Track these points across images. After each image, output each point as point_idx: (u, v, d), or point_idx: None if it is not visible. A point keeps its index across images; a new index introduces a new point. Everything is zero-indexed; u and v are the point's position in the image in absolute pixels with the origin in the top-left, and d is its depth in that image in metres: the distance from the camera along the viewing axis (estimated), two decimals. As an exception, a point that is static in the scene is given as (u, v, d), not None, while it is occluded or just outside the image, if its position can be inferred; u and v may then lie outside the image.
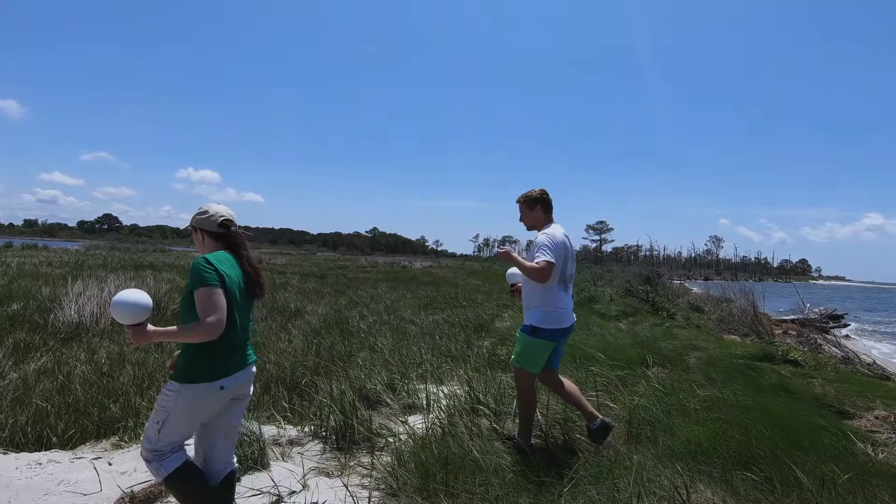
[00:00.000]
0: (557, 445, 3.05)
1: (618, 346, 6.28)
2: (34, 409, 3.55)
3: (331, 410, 3.36)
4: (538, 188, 3.19)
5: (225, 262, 1.98)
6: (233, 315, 1.93)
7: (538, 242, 3.01)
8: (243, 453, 2.77)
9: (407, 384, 4.21)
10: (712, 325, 9.60)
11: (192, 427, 1.98)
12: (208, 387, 1.88)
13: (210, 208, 2.10)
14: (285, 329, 7.40)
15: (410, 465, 2.56)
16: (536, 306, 3.02)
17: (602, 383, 4.17)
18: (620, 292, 13.60)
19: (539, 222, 3.16)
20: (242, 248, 2.09)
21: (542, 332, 2.98)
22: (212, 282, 1.86)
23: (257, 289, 2.07)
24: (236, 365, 1.99)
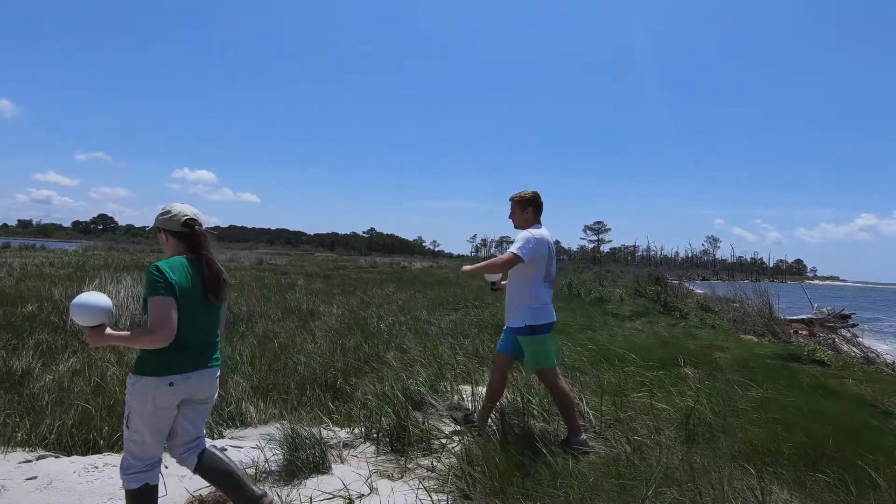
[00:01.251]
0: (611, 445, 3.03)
1: (645, 347, 6.28)
2: (78, 410, 3.49)
3: (382, 412, 3.32)
4: (532, 190, 3.29)
5: (178, 268, 1.98)
6: (186, 319, 1.95)
7: (519, 236, 3.13)
8: (305, 456, 2.72)
9: (447, 385, 4.18)
10: (727, 325, 9.62)
11: (152, 426, 1.97)
12: (157, 381, 1.91)
13: (173, 208, 2.09)
14: (305, 329, 7.36)
15: (480, 468, 2.53)
16: (525, 304, 3.12)
17: (643, 383, 4.15)
18: (630, 293, 13.62)
19: (528, 223, 3.26)
20: (204, 248, 2.07)
21: (539, 328, 3.12)
22: (160, 291, 1.89)
23: (213, 292, 2.04)
24: (191, 364, 1.99)
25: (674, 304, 11.40)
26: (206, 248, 2.08)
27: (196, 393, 2.05)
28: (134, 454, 2.00)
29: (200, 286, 2.01)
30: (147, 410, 1.94)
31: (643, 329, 8.59)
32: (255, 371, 4.76)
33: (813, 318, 13.35)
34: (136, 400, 1.93)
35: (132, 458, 2.00)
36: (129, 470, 1.99)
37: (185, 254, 2.05)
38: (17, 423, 3.32)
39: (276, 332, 7.00)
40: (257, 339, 6.51)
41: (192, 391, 2.03)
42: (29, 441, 3.16)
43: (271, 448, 2.95)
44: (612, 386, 4.18)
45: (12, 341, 5.79)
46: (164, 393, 1.94)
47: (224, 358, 4.76)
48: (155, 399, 1.93)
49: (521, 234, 3.16)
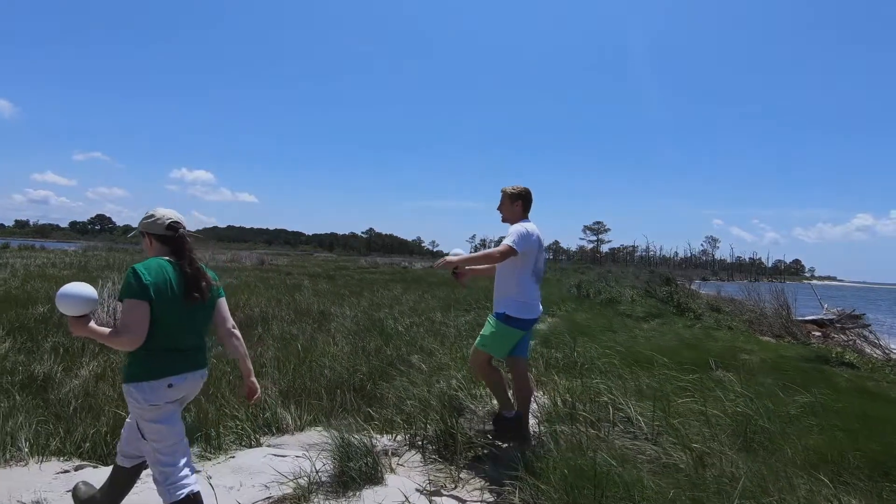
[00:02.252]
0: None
1: (670, 349, 6.19)
2: (111, 417, 3.38)
3: (428, 418, 3.21)
4: (524, 186, 3.37)
5: (156, 270, 1.98)
6: (165, 320, 1.95)
7: (512, 229, 3.18)
8: (358, 466, 2.62)
9: (483, 389, 4.08)
10: (742, 327, 9.55)
11: (168, 422, 1.98)
12: (157, 384, 1.93)
13: (157, 212, 2.13)
14: (322, 331, 7.25)
15: (546, 478, 2.43)
16: (511, 296, 3.15)
17: (685, 388, 4.06)
18: (640, 293, 13.55)
19: (515, 217, 3.32)
20: (189, 250, 2.10)
21: (515, 322, 3.13)
22: (133, 294, 1.90)
23: (195, 293, 2.03)
24: (183, 366, 2.01)
25: (687, 304, 11.32)
26: (190, 249, 2.10)
27: (190, 392, 2.09)
28: (164, 462, 1.98)
29: (182, 287, 2.01)
30: (155, 413, 1.95)
31: (661, 330, 8.51)
32: (281, 375, 4.65)
33: (824, 319, 13.31)
34: (142, 408, 1.93)
35: (164, 467, 1.98)
36: (167, 481, 1.97)
37: (167, 256, 2.07)
38: (50, 431, 3.20)
39: (293, 335, 6.89)
40: (275, 341, 6.40)
41: (188, 390, 2.06)
42: (63, 450, 3.05)
43: (318, 456, 2.84)
44: (651, 390, 4.09)
45: (27, 344, 5.67)
46: (165, 394, 1.96)
47: (254, 365, 4.64)
48: (157, 401, 1.95)
49: (514, 227, 3.21)
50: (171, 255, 2.07)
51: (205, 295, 2.07)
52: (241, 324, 7.65)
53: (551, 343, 6.70)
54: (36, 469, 2.81)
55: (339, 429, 2.96)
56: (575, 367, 5.15)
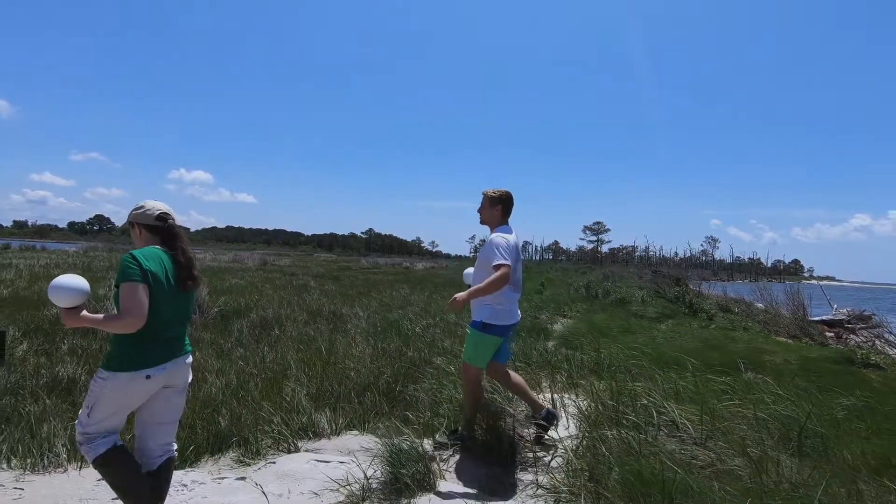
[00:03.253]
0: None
1: (693, 350, 6.12)
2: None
3: (477, 422, 3.15)
4: (506, 189, 3.36)
5: (152, 257, 2.03)
6: (160, 308, 1.99)
7: (493, 242, 3.18)
8: (412, 473, 2.55)
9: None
10: (757, 327, 9.50)
11: (120, 415, 2.03)
12: (134, 375, 1.95)
13: (147, 203, 2.18)
14: (338, 333, 7.17)
15: (610, 485, 2.36)
16: (488, 304, 3.16)
17: (724, 390, 4.00)
18: (650, 294, 13.49)
19: (494, 221, 3.33)
20: (179, 240, 2.14)
21: (492, 329, 3.15)
22: (134, 277, 1.93)
23: (189, 281, 2.11)
24: (165, 355, 2.04)
25: (699, 305, 11.27)
26: (181, 239, 2.15)
27: (171, 380, 2.10)
28: (90, 431, 2.00)
29: (175, 275, 2.07)
30: (118, 404, 1.98)
31: (679, 331, 8.45)
32: (308, 378, 4.58)
33: (834, 319, 13.26)
34: (109, 394, 1.95)
35: (89, 434, 2.01)
36: (90, 442, 2.00)
37: (157, 245, 2.12)
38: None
39: (310, 336, 6.82)
40: (293, 342, 6.33)
41: (168, 379, 2.08)
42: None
43: (371, 463, 2.76)
44: (689, 392, 4.03)
45: (44, 345, 5.60)
46: (140, 386, 1.97)
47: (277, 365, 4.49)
48: (130, 393, 1.97)
49: (494, 240, 3.19)
50: (161, 245, 2.12)
51: (196, 283, 2.15)
52: (257, 325, 7.59)
53: (572, 344, 6.64)
54: (76, 476, 2.74)
55: (388, 433, 2.89)
56: (603, 369, 5.09)
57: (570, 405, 3.88)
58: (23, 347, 5.42)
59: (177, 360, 2.09)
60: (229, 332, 6.91)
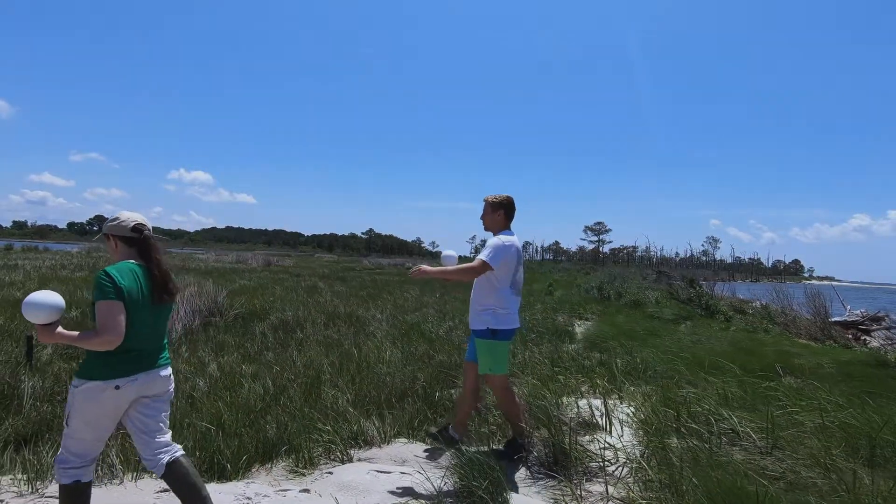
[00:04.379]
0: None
1: (723, 353, 6.05)
2: (192, 430, 3.23)
3: (533, 430, 3.07)
4: (507, 195, 3.35)
5: (126, 272, 2.02)
6: (135, 324, 1.99)
7: (490, 242, 3.17)
8: (485, 485, 2.47)
9: (568, 398, 3.95)
10: (777, 329, 9.44)
11: (95, 427, 2.01)
12: (103, 385, 1.94)
13: (122, 215, 2.16)
14: (361, 335, 7.09)
15: (696, 498, 2.28)
16: (490, 308, 3.11)
17: (776, 396, 3.93)
18: (664, 295, 13.43)
19: (497, 226, 3.31)
20: (154, 252, 2.13)
21: (501, 334, 3.11)
22: (110, 296, 1.93)
23: (164, 295, 2.10)
24: (137, 367, 2.03)
25: (716, 307, 11.20)
26: (156, 251, 2.14)
27: (147, 390, 2.08)
28: (70, 450, 2.01)
29: (149, 290, 2.06)
30: (91, 413, 1.97)
31: (701, 333, 8.38)
32: (346, 383, 4.50)
33: (847, 320, 13.20)
34: (80, 403, 1.96)
35: (67, 454, 2.02)
36: (64, 464, 2.02)
37: (133, 258, 2.11)
38: (131, 446, 3.04)
39: (334, 339, 6.74)
40: (320, 345, 6.25)
41: (141, 390, 2.05)
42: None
43: (427, 472, 2.69)
44: (738, 398, 3.96)
45: (68, 349, 5.51)
46: (110, 396, 1.96)
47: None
48: (101, 402, 1.96)
49: (491, 240, 3.19)
50: (137, 258, 2.11)
51: (173, 296, 2.14)
52: (278, 327, 7.51)
53: (600, 347, 6.57)
54: (133, 487, 2.66)
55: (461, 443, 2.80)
56: (639, 373, 5.02)
57: (615, 410, 3.80)
58: (48, 351, 5.34)
59: (150, 372, 2.07)
60: (251, 335, 6.83)
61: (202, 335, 6.62)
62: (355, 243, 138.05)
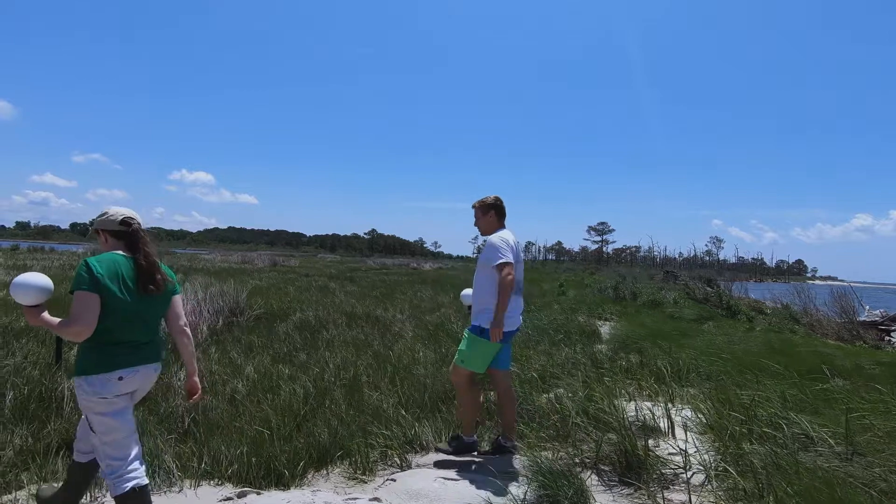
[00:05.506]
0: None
1: (761, 355, 5.93)
2: (243, 436, 3.11)
3: (602, 436, 2.95)
4: (493, 195, 3.31)
5: (106, 262, 2.01)
6: (116, 313, 1.97)
7: (491, 243, 3.11)
8: (570, 494, 2.35)
9: (625, 401, 3.82)
10: (802, 330, 9.32)
11: (118, 415, 1.99)
12: (106, 376, 1.94)
13: (110, 210, 2.18)
14: (388, 336, 6.98)
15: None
16: (489, 307, 3.03)
17: (843, 400, 3.81)
18: (682, 295, 13.30)
19: (492, 227, 3.26)
20: (143, 244, 2.13)
21: (489, 333, 3.00)
22: (83, 286, 1.93)
23: (150, 285, 2.08)
24: (136, 359, 2.03)
25: (737, 307, 11.08)
26: (145, 243, 2.14)
27: (145, 384, 2.09)
28: (112, 455, 1.99)
29: (134, 280, 2.04)
30: (105, 406, 1.96)
31: (729, 334, 8.26)
32: (386, 386, 4.39)
33: (867, 321, 13.07)
34: (90, 401, 1.95)
35: (112, 460, 1.99)
36: (112, 474, 1.98)
37: (122, 251, 2.11)
38: (189, 452, 2.93)
39: (361, 340, 6.62)
40: (350, 346, 6.14)
41: (141, 382, 2.06)
42: (212, 472, 2.77)
43: (528, 485, 2.56)
44: (798, 401, 3.83)
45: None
46: (114, 387, 1.96)
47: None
48: (107, 394, 1.96)
49: (490, 240, 3.13)
50: (125, 250, 2.11)
51: (160, 287, 2.10)
52: (302, 327, 7.40)
53: (631, 348, 6.45)
54: (193, 496, 2.55)
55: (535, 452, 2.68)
56: (682, 375, 4.90)
57: (674, 414, 3.68)
58: (74, 351, 5.24)
59: (148, 365, 2.07)
60: (276, 336, 6.72)
61: (227, 335, 6.51)
62: (358, 244, 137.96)
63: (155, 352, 2.12)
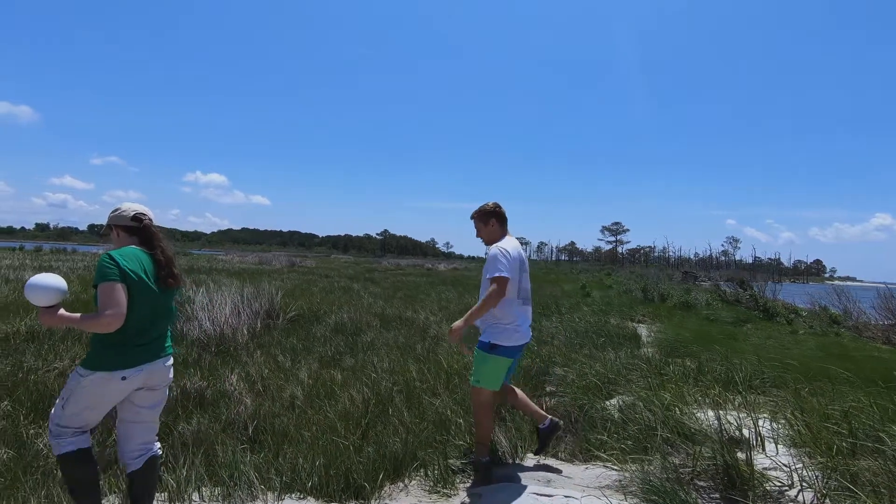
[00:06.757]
0: None
1: (820, 360, 5.71)
2: (318, 446, 3.00)
3: (698, 450, 2.79)
4: (491, 202, 3.17)
5: (130, 257, 2.02)
6: (139, 307, 1.99)
7: (491, 255, 2.95)
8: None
9: (707, 411, 3.65)
10: (848, 333, 9.01)
11: (93, 413, 2.02)
12: (110, 375, 1.95)
13: (123, 206, 2.19)
14: (429, 340, 6.85)
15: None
16: (497, 321, 2.94)
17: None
18: (714, 296, 13.01)
19: (495, 236, 3.12)
20: (157, 239, 2.14)
21: (500, 350, 2.91)
22: (111, 277, 1.93)
23: (170, 278, 2.11)
24: (144, 357, 2.03)
25: (775, 309, 10.78)
26: (158, 238, 2.15)
27: (149, 381, 2.09)
28: (64, 425, 2.01)
29: (154, 274, 2.07)
30: (94, 400, 1.98)
31: (773, 336, 8.00)
32: (446, 392, 4.26)
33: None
34: (83, 393, 1.97)
35: (60, 428, 2.01)
36: (60, 436, 2.00)
37: (136, 246, 2.12)
38: (265, 463, 2.82)
39: (401, 343, 6.51)
40: (390, 349, 6.02)
41: (146, 380, 2.07)
42: (291, 485, 2.66)
43: (601, 497, 2.42)
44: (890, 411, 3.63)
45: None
46: (116, 387, 1.98)
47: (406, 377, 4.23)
48: (106, 391, 1.97)
49: (490, 253, 2.96)
50: (138, 245, 2.12)
51: (178, 281, 2.15)
52: (338, 329, 7.30)
53: (681, 352, 6.25)
54: (279, 510, 2.43)
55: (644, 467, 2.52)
56: (744, 382, 4.70)
57: (749, 423, 3.49)
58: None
59: (155, 361, 2.08)
60: (315, 338, 6.63)
61: (267, 338, 6.44)
62: (370, 244, 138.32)
63: (162, 346, 2.13)
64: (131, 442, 2.12)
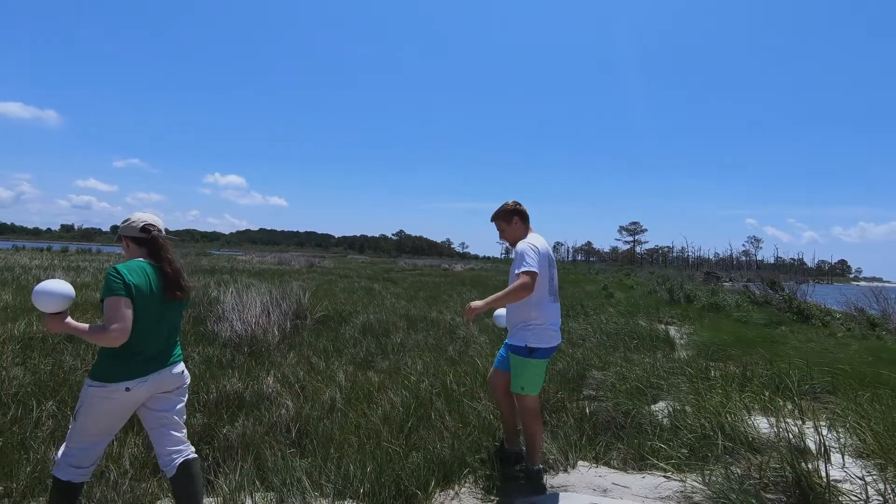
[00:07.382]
0: None
1: (870, 364, 5.47)
2: (366, 451, 2.94)
3: (766, 462, 2.66)
4: (511, 201, 3.09)
5: (136, 270, 2.03)
6: (144, 321, 1.99)
7: (519, 250, 2.84)
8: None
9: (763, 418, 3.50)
10: (892, 337, 8.67)
11: (99, 426, 2.02)
12: (114, 387, 1.96)
13: (133, 216, 2.19)
14: (460, 342, 6.78)
15: None
16: (529, 321, 2.85)
17: None
18: (744, 298, 12.69)
19: (519, 235, 3.03)
20: (164, 251, 2.13)
21: (539, 352, 2.83)
22: (118, 291, 1.94)
23: (177, 291, 2.11)
24: (146, 368, 2.04)
25: (810, 311, 10.46)
26: (166, 250, 2.14)
27: (159, 389, 2.09)
28: (73, 445, 2.03)
29: (161, 287, 2.07)
30: (100, 412, 1.98)
31: (813, 339, 7.74)
32: (486, 396, 4.17)
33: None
34: (90, 402, 1.98)
35: (69, 449, 2.03)
36: (66, 456, 2.03)
37: (144, 258, 2.12)
38: (315, 469, 2.77)
39: (432, 344, 6.44)
40: (422, 351, 5.96)
41: (154, 389, 2.07)
42: (344, 492, 2.60)
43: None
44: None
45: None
46: (120, 398, 1.98)
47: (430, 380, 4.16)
48: (110, 403, 1.98)
49: (517, 249, 2.87)
50: (148, 257, 2.12)
51: (186, 293, 2.15)
52: (366, 330, 7.27)
53: (720, 355, 6.07)
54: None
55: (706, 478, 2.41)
56: (793, 387, 4.52)
57: (809, 432, 3.33)
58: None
59: (160, 371, 2.08)
60: (345, 340, 6.60)
61: (297, 339, 6.43)
62: (386, 244, 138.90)
63: (169, 356, 2.14)
64: (160, 448, 2.14)
